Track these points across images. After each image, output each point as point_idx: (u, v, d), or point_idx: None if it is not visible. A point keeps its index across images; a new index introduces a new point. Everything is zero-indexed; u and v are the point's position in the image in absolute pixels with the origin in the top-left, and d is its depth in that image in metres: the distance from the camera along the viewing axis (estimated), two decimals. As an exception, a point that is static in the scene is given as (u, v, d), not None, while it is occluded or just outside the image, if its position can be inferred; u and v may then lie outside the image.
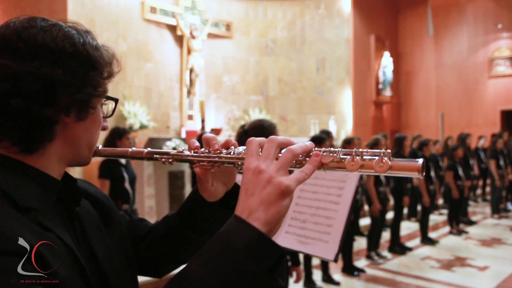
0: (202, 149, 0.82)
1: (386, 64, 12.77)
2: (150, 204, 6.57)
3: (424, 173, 0.62)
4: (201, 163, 0.81)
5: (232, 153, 0.78)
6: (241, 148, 0.78)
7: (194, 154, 0.82)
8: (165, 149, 0.80)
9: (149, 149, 0.88)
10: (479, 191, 10.63)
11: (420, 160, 0.61)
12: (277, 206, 0.62)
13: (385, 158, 0.63)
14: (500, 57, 12.53)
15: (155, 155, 0.86)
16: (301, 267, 2.99)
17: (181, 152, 0.84)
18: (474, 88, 12.99)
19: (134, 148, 0.90)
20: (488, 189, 9.56)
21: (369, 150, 0.66)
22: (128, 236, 0.95)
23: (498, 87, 12.59)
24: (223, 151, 0.79)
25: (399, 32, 14.49)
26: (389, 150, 0.64)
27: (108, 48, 0.83)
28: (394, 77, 13.11)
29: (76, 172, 7.15)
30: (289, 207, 0.65)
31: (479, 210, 9.55)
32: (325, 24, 12.18)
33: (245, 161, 0.67)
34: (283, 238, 1.66)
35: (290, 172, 0.67)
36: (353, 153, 0.65)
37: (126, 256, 0.89)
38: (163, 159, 0.85)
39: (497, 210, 8.56)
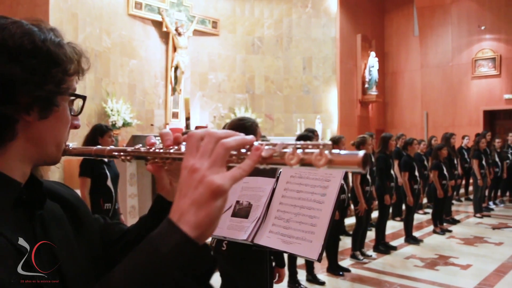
0: (159, 146, 0.79)
1: (372, 63, 12.87)
2: (132, 203, 6.49)
3: (367, 167, 0.56)
4: (155, 160, 0.78)
5: (183, 150, 0.74)
6: None
7: (149, 151, 0.79)
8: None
9: (111, 147, 0.86)
10: (462, 190, 10.78)
11: (361, 153, 0.55)
12: (209, 208, 0.58)
13: (325, 151, 0.57)
14: (483, 58, 12.73)
15: (114, 153, 0.84)
16: (286, 268, 2.96)
17: (138, 149, 0.81)
18: (458, 88, 13.17)
19: (98, 147, 0.88)
20: (471, 188, 9.69)
21: (313, 143, 0.59)
22: (100, 240, 0.93)
23: (481, 87, 12.79)
24: (174, 147, 0.76)
25: (385, 32, 14.61)
26: (329, 142, 0.58)
27: (75, 45, 0.80)
28: (380, 77, 13.23)
29: (56, 171, 7.02)
30: (223, 208, 0.60)
31: (462, 209, 9.68)
32: (312, 23, 12.21)
33: (183, 158, 0.63)
34: (267, 238, 1.63)
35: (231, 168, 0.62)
36: (295, 146, 0.59)
37: (94, 261, 0.86)
38: (122, 157, 0.82)
39: (480, 209, 8.68)
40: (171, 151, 0.75)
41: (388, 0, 14.50)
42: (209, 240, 2.64)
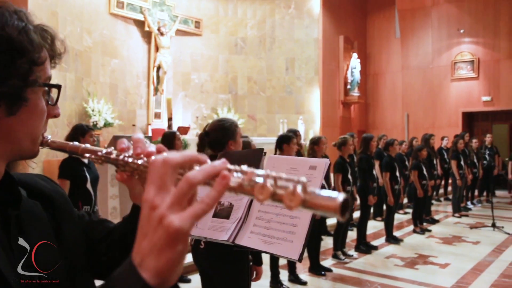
0: (129, 153, 0.72)
1: (355, 65, 13.00)
2: (113, 204, 6.43)
3: (347, 214, 0.49)
4: (124, 168, 0.72)
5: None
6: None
7: (118, 159, 0.72)
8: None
9: (87, 145, 0.81)
10: (441, 191, 10.98)
11: (340, 197, 0.49)
12: (169, 254, 0.52)
13: (299, 190, 0.50)
14: (462, 60, 12.99)
15: (86, 153, 0.79)
16: (263, 266, 2.97)
17: (109, 153, 0.75)
18: (438, 90, 13.41)
19: (75, 143, 0.84)
20: (450, 188, 9.88)
21: (287, 177, 0.52)
22: (83, 239, 0.90)
23: (460, 89, 13.05)
24: (144, 159, 0.69)
25: (367, 34, 14.78)
26: (304, 179, 0.51)
27: (46, 27, 0.73)
28: (362, 78, 13.37)
29: (35, 172, 6.90)
30: (185, 251, 0.55)
31: (441, 209, 9.86)
32: (295, 23, 12.28)
33: (145, 189, 0.56)
34: (248, 238, 1.65)
35: None
36: (265, 179, 0.52)
37: (76, 261, 0.84)
38: (93, 159, 0.77)
39: (458, 209, 8.86)
40: (139, 162, 0.69)
41: (370, 2, 14.67)
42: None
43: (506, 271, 5.26)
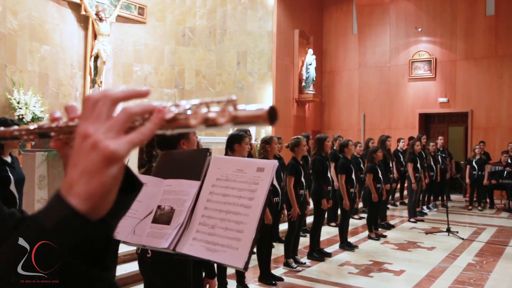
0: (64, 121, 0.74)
1: (310, 61, 13.21)
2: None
3: (276, 121, 0.56)
4: (59, 136, 0.73)
5: None
6: None
7: (51, 126, 0.74)
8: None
9: (14, 127, 0.80)
10: (397, 195, 11.41)
11: (267, 106, 0.55)
12: (101, 177, 0.54)
13: (229, 108, 0.56)
14: (419, 60, 13.56)
15: (15, 133, 0.78)
16: (216, 279, 2.96)
17: (41, 126, 0.75)
18: (395, 90, 13.91)
19: (1, 128, 0.82)
20: (406, 192, 10.28)
21: (218, 99, 0.58)
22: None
23: (418, 90, 13.61)
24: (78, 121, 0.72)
25: (324, 28, 15.08)
26: (234, 97, 0.57)
27: None
28: (317, 75, 13.61)
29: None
30: (119, 177, 0.56)
31: (397, 214, 10.24)
32: (248, 15, 12.31)
33: (77, 125, 0.58)
34: (190, 246, 1.61)
35: None
36: (198, 105, 0.58)
37: None
38: (24, 136, 0.77)
39: (414, 213, 9.24)
40: (73, 123, 0.71)
41: (328, -5, 15.00)
42: (135, 248, 2.57)
43: (459, 277, 5.54)
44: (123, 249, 4.89)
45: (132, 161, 6.27)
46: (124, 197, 0.66)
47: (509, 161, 10.70)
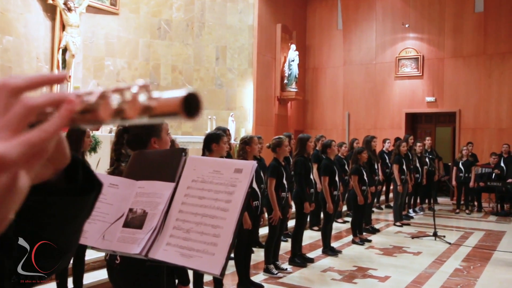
0: None
1: (293, 57, 13.24)
2: None
3: (196, 115, 0.49)
4: None
5: None
6: None
7: None
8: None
9: None
10: (383, 197, 11.54)
11: (184, 92, 0.48)
12: None
13: (141, 98, 0.49)
14: (406, 57, 13.73)
15: None
16: (191, 285, 2.95)
17: None
18: (381, 88, 14.06)
19: None
20: (392, 195, 10.40)
21: (131, 84, 0.52)
22: None
23: (404, 88, 13.78)
24: None
25: (307, 23, 15.14)
26: (148, 82, 0.51)
27: None
28: (300, 72, 13.63)
29: None
30: (13, 186, 0.48)
31: (382, 217, 10.36)
32: (228, 8, 12.30)
33: None
34: (164, 251, 1.60)
35: None
36: (109, 93, 0.51)
37: None
38: None
39: (400, 217, 9.35)
40: None
41: (311, -12, 15.07)
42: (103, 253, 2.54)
43: (446, 283, 5.63)
44: (91, 255, 4.83)
45: (104, 160, 6.15)
46: (82, 198, 0.65)
47: (502, 163, 10.91)
